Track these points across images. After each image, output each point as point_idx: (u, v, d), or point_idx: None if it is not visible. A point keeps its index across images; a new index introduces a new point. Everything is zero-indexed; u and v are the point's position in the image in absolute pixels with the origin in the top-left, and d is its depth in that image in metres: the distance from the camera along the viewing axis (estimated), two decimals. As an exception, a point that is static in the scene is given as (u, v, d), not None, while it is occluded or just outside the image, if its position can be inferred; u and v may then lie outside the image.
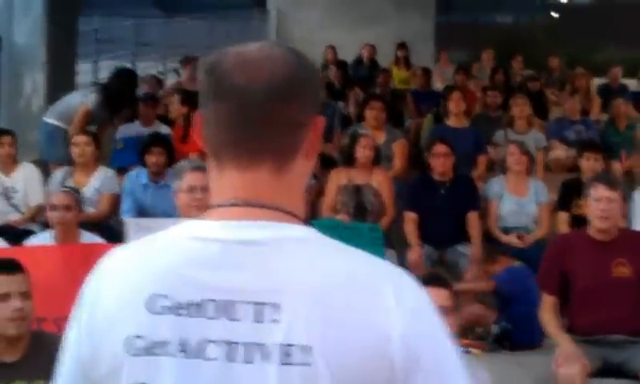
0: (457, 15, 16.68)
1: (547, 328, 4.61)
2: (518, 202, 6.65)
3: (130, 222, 4.16)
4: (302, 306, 1.09)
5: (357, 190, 6.80)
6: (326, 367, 1.07)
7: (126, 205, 6.51)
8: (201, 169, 4.26)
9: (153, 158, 6.57)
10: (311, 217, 6.91)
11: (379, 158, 6.97)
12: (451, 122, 7.89)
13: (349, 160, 6.92)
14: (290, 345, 1.08)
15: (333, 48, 12.60)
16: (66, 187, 5.95)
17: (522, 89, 10.09)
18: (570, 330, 4.51)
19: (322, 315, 1.09)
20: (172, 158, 6.59)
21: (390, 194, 6.87)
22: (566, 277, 4.52)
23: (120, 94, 7.81)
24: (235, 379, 1.09)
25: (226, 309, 1.10)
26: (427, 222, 6.53)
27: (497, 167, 7.35)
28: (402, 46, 12.69)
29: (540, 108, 9.22)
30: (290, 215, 1.17)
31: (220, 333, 1.10)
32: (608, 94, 10.38)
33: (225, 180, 1.17)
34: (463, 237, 6.51)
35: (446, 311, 3.59)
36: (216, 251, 1.12)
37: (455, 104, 7.75)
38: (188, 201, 4.09)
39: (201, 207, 4.15)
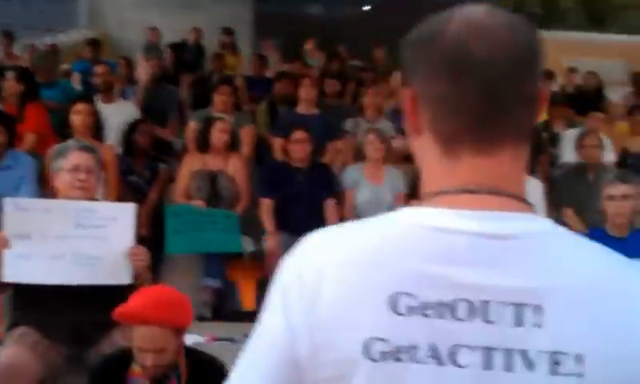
0: (275, 5, 16.70)
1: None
2: (374, 190, 6.69)
3: (7, 202, 3.74)
4: (569, 309, 0.98)
5: (211, 176, 6.58)
6: (602, 380, 0.97)
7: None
8: (87, 149, 3.93)
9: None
10: (161, 202, 6.63)
11: (235, 144, 6.78)
12: (301, 108, 7.81)
13: (203, 145, 6.69)
14: (559, 353, 0.97)
15: (155, 30, 12.16)
16: None
17: (355, 78, 10.22)
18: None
19: (590, 320, 0.98)
20: (13, 137, 6.01)
21: (246, 180, 6.71)
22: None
23: None
24: None
25: (481, 310, 0.97)
26: (284, 209, 6.43)
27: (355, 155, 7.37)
28: (228, 31, 12.47)
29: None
30: (530, 205, 1.04)
31: (475, 337, 0.97)
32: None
33: (456, 163, 1.04)
34: (321, 224, 6.42)
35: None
36: (465, 245, 0.99)
37: (306, 91, 7.69)
38: (71, 181, 3.80)
39: (84, 188, 3.82)
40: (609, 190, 4.66)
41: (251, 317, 6.41)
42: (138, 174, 6.77)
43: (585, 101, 10.18)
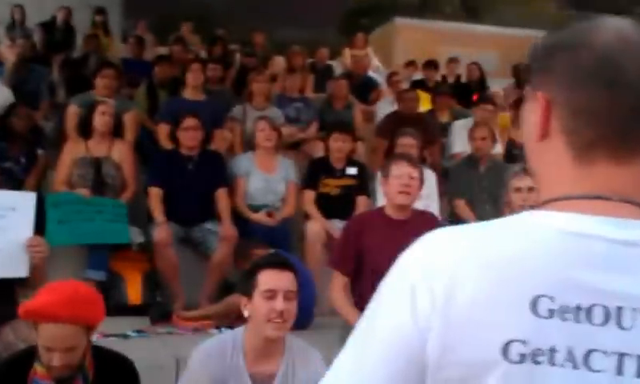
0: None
1: (338, 304, 4.56)
2: (266, 179, 6.55)
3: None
4: None
5: (95, 163, 6.25)
6: None
7: None
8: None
9: None
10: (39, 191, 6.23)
11: (118, 129, 6.47)
12: (188, 94, 7.54)
13: (85, 131, 6.34)
14: None
15: (20, 7, 11.48)
16: None
17: (235, 63, 10.04)
18: (361, 308, 4.50)
19: None
20: None
21: (132, 168, 6.42)
22: (361, 256, 4.48)
23: None
24: None
25: (616, 316, 1.00)
26: (173, 198, 6.19)
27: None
28: (101, 10, 11.96)
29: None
30: None
31: (609, 342, 0.99)
32: (320, 73, 10.72)
33: (590, 170, 1.06)
34: (211, 214, 6.26)
35: (293, 296, 3.38)
36: (602, 251, 1.01)
37: (195, 76, 7.43)
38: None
39: None
40: (516, 182, 4.72)
41: (138, 311, 6.16)
42: (14, 160, 6.34)
43: (468, 91, 10.42)
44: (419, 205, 5.03)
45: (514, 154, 7.18)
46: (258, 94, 7.64)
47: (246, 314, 3.37)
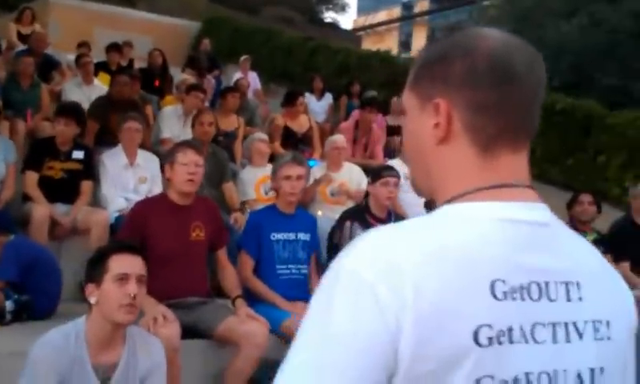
0: None
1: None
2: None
3: None
4: (594, 284, 1.16)
5: None
6: (619, 341, 1.17)
7: None
8: None
9: None
10: None
11: None
12: None
13: None
14: (596, 321, 1.14)
15: None
16: None
17: None
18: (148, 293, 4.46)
19: (609, 293, 1.18)
20: None
21: None
22: (146, 241, 4.44)
23: None
24: (560, 360, 1.09)
25: (546, 290, 1.10)
26: None
27: None
28: None
29: None
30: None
31: (545, 315, 1.09)
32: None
33: (494, 162, 1.16)
34: None
35: (144, 280, 3.31)
36: (528, 233, 1.11)
37: None
38: None
39: None
40: (286, 170, 4.99)
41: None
42: None
43: (151, 76, 10.42)
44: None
45: (219, 140, 7.54)
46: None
47: (92, 301, 3.23)
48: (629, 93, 12.21)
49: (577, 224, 6.72)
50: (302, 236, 5.05)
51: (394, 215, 5.51)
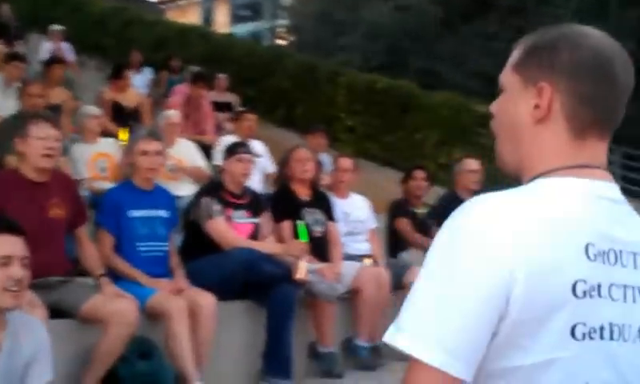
0: None
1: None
2: None
3: None
4: None
5: None
6: None
7: None
8: None
9: None
10: None
11: None
12: None
13: None
14: None
15: None
16: None
17: None
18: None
19: None
20: None
21: None
22: (2, 217, 4.19)
23: None
24: (628, 316, 1.31)
25: (620, 257, 1.31)
26: None
27: None
28: None
29: None
30: None
31: (619, 277, 1.30)
32: None
33: (583, 145, 1.34)
34: None
35: (28, 263, 3.16)
36: (608, 208, 1.32)
37: None
38: None
39: None
40: (143, 145, 4.89)
41: None
42: None
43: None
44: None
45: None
46: None
47: (-28, 287, 3.04)
48: (437, 74, 12.94)
49: (410, 198, 7.09)
50: (162, 213, 4.98)
51: (249, 191, 5.57)
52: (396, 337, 1.24)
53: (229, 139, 7.79)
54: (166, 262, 4.97)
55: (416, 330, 1.22)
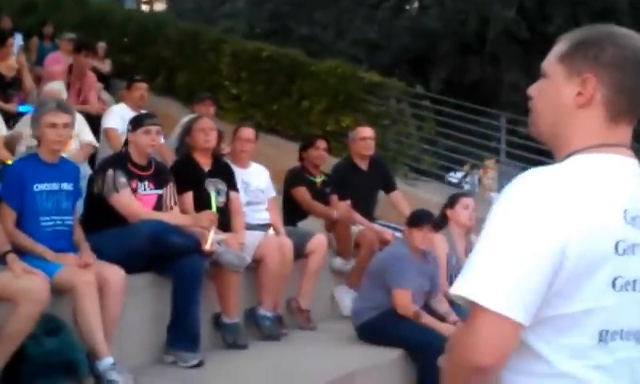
0: None
1: None
2: None
3: None
4: None
5: None
6: None
7: None
8: None
9: None
10: None
11: None
12: None
13: None
14: None
15: None
16: None
17: None
18: None
19: None
20: None
21: None
22: None
23: None
24: None
25: None
26: None
27: None
28: None
29: None
30: None
31: None
32: None
33: (615, 128, 1.60)
34: None
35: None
36: (636, 181, 1.59)
37: None
38: None
39: None
40: (51, 117, 4.70)
41: None
42: None
43: None
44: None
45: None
46: None
47: None
48: (321, 42, 12.98)
49: (308, 167, 7.13)
50: (66, 186, 4.80)
51: (154, 162, 5.46)
52: (463, 288, 1.46)
53: (119, 109, 7.61)
54: (71, 236, 4.82)
55: (482, 282, 1.44)
